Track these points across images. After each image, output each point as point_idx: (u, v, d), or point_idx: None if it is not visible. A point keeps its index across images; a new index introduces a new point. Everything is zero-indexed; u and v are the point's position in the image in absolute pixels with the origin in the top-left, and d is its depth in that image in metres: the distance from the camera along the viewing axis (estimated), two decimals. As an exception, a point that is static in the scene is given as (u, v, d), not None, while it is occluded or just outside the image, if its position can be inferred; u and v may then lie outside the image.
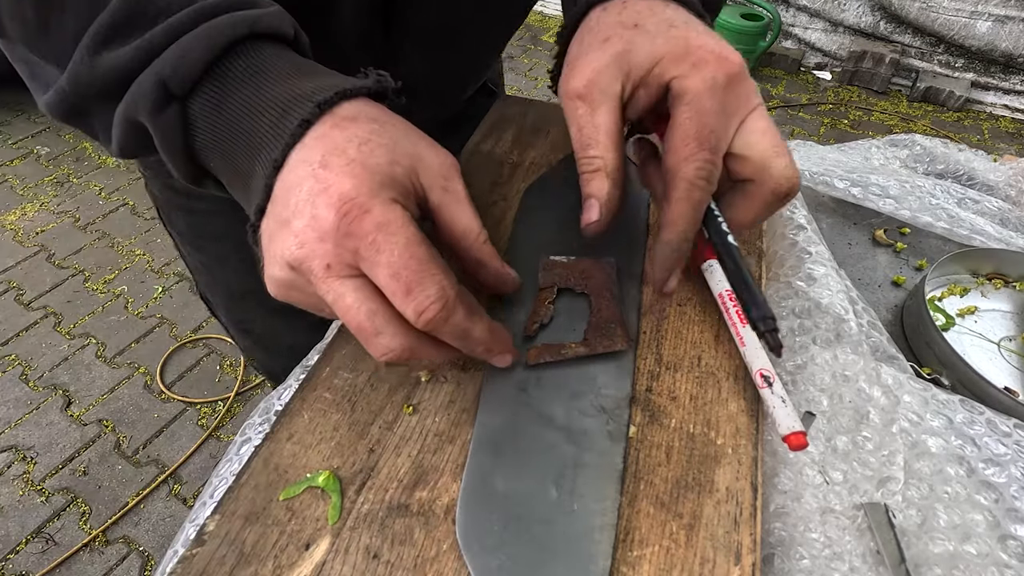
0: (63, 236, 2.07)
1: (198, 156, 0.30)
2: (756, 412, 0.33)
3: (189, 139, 0.29)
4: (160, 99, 0.27)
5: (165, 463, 1.44)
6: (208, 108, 0.28)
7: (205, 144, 0.29)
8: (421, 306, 0.26)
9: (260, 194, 0.28)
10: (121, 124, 0.29)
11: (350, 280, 0.26)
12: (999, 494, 0.34)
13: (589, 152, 0.33)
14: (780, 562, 0.31)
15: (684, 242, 0.32)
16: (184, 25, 0.27)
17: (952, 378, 0.44)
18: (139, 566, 1.27)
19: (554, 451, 0.31)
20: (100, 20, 0.27)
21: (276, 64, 0.29)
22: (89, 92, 0.28)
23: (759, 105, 0.32)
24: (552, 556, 0.27)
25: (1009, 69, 2.59)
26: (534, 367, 0.34)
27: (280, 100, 0.27)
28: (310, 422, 0.33)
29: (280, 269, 0.27)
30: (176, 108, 0.28)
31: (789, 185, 0.32)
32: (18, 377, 1.62)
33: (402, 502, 0.29)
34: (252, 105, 0.28)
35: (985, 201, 0.60)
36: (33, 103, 1.31)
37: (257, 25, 0.28)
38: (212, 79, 0.28)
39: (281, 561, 0.27)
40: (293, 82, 0.28)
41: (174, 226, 0.61)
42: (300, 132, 0.27)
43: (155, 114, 0.27)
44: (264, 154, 0.27)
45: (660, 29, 0.32)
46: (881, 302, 0.54)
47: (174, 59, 0.27)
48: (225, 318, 0.69)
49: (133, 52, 0.27)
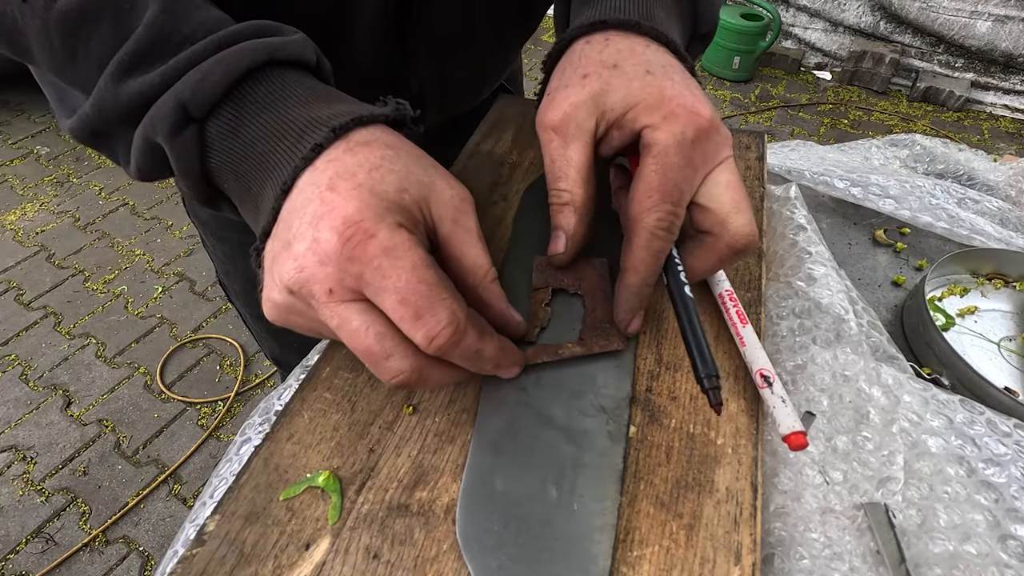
0: (63, 236, 2.07)
1: (213, 177, 0.30)
2: (756, 412, 0.33)
3: (205, 160, 0.29)
4: (178, 121, 0.27)
5: (165, 463, 1.44)
6: (225, 131, 0.28)
7: (220, 165, 0.29)
8: (432, 332, 0.25)
9: (267, 216, 0.28)
10: (140, 146, 0.29)
11: (354, 304, 0.26)
12: (999, 494, 0.34)
13: (559, 185, 0.33)
14: (780, 562, 0.31)
15: (645, 287, 0.32)
16: (207, 51, 0.28)
17: (952, 378, 0.44)
18: (139, 566, 1.27)
19: (554, 451, 0.31)
20: (125, 48, 0.27)
21: (295, 90, 0.29)
22: (113, 117, 0.29)
23: (727, 158, 0.33)
24: (552, 556, 0.27)
25: (1009, 69, 2.59)
26: (533, 367, 0.34)
27: (296, 124, 0.28)
28: (310, 422, 0.33)
29: (279, 293, 0.27)
30: (194, 130, 0.28)
31: (745, 242, 0.32)
32: (18, 377, 1.62)
33: (402, 502, 0.29)
34: (269, 129, 0.28)
35: (985, 201, 0.60)
36: (33, 103, 1.32)
37: (278, 53, 0.29)
38: (230, 103, 0.28)
39: (281, 561, 0.27)
40: (310, 107, 0.29)
41: (198, 216, 0.63)
42: (312, 156, 0.27)
43: (172, 136, 0.28)
44: (275, 176, 0.28)
45: (637, 73, 0.33)
46: (881, 302, 0.54)
47: (194, 83, 0.27)
48: (243, 307, 0.71)
49: (158, 78, 0.27)
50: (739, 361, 0.35)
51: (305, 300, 0.26)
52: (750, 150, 0.53)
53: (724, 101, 2.82)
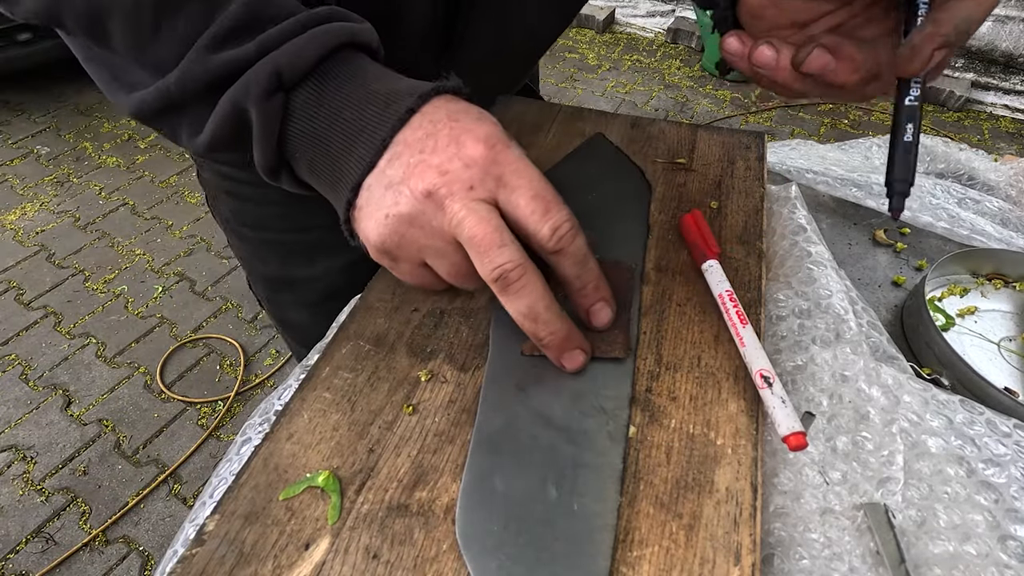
0: (63, 236, 2.07)
1: (286, 145, 0.33)
2: (756, 412, 0.33)
3: (284, 127, 0.32)
4: (272, 87, 0.30)
5: (165, 463, 1.44)
6: (310, 100, 0.32)
7: (299, 132, 0.32)
8: (558, 222, 0.30)
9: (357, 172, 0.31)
10: (224, 112, 0.31)
11: (486, 202, 0.29)
12: (999, 494, 0.34)
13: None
14: (780, 562, 0.31)
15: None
16: (297, 28, 0.31)
17: (952, 378, 0.44)
18: (139, 566, 1.27)
19: (554, 451, 0.31)
20: (220, 23, 0.30)
21: (371, 68, 0.33)
22: (198, 86, 0.31)
23: None
24: (552, 556, 0.27)
25: (1009, 69, 2.59)
26: (532, 367, 0.34)
27: (380, 95, 0.31)
28: (310, 422, 0.33)
29: (406, 203, 0.30)
30: (281, 97, 0.31)
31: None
32: (18, 377, 1.62)
33: (402, 502, 0.29)
34: (354, 99, 0.31)
35: (985, 201, 0.60)
36: (33, 103, 1.31)
37: (356, 36, 0.32)
38: (316, 76, 0.31)
39: (281, 561, 0.27)
40: (388, 82, 0.32)
41: (220, 213, 0.64)
42: (407, 117, 0.31)
43: (263, 100, 0.30)
44: (367, 135, 0.31)
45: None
46: (881, 302, 0.54)
47: (290, 54, 0.30)
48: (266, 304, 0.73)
49: (255, 48, 0.30)
50: (739, 361, 0.35)
51: (439, 201, 0.29)
52: (750, 150, 0.53)
53: (724, 101, 2.82)
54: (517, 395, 0.33)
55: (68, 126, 2.63)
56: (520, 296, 0.30)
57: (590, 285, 0.33)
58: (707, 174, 0.50)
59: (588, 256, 0.32)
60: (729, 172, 0.50)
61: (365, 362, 0.36)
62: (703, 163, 0.51)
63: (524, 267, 0.29)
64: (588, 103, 2.81)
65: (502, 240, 0.29)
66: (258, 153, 0.33)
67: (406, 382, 0.35)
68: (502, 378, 0.34)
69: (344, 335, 0.37)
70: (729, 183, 0.49)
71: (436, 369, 0.35)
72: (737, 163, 0.51)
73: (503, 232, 0.29)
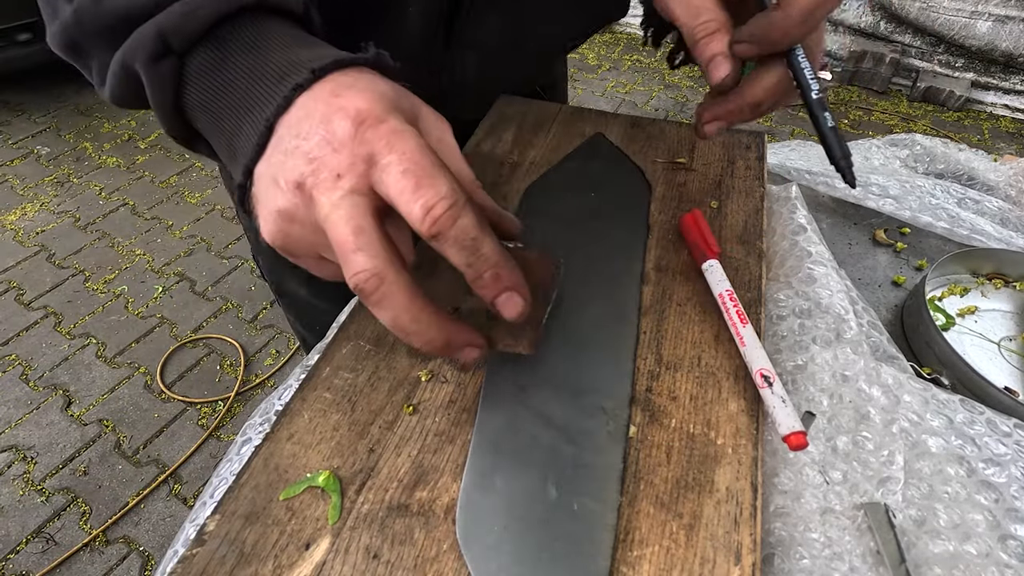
0: (63, 236, 2.07)
1: (187, 114, 0.30)
2: (756, 412, 0.33)
3: (181, 96, 0.29)
4: (157, 51, 0.28)
5: (165, 463, 1.44)
6: (205, 68, 0.28)
7: (194, 103, 0.29)
8: (430, 202, 0.24)
9: (248, 151, 0.28)
10: (116, 70, 0.29)
11: (353, 195, 0.25)
12: (999, 494, 0.34)
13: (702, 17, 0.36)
14: (780, 562, 0.31)
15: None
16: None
17: (952, 378, 0.44)
18: (139, 566, 1.27)
19: (554, 451, 0.31)
20: None
21: (278, 35, 0.29)
22: (90, 30, 0.29)
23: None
24: (552, 556, 0.27)
25: (1009, 69, 2.59)
26: (533, 366, 0.34)
27: (278, 67, 0.28)
28: (310, 422, 0.33)
29: (283, 197, 0.26)
30: (172, 62, 0.28)
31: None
32: (18, 377, 1.62)
33: (402, 502, 0.29)
34: (249, 70, 0.28)
35: (985, 201, 0.60)
36: (33, 103, 1.31)
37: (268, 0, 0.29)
38: (213, 41, 0.28)
39: (281, 561, 0.27)
40: (292, 51, 0.29)
41: (228, 183, 0.63)
42: (293, 96, 0.27)
43: (150, 64, 0.28)
44: (253, 116, 0.28)
45: None
46: (881, 302, 0.54)
47: (178, 16, 0.27)
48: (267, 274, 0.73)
49: (151, 3, 0.27)
50: (739, 361, 0.35)
51: (308, 194, 0.26)
52: (750, 150, 0.53)
53: (724, 101, 2.81)
54: (517, 395, 0.33)
55: (68, 126, 2.63)
56: (381, 308, 0.26)
57: (487, 274, 0.27)
58: (707, 174, 0.50)
59: (479, 240, 0.26)
60: (729, 172, 0.50)
61: (365, 362, 0.36)
62: (703, 163, 0.51)
63: (381, 275, 0.25)
64: (588, 103, 2.81)
65: (356, 244, 0.25)
66: (160, 119, 0.30)
67: (406, 382, 0.35)
68: (502, 378, 0.34)
69: (344, 335, 0.37)
70: (729, 183, 0.49)
71: (436, 369, 0.35)
72: (737, 163, 0.51)
73: (360, 234, 0.25)
